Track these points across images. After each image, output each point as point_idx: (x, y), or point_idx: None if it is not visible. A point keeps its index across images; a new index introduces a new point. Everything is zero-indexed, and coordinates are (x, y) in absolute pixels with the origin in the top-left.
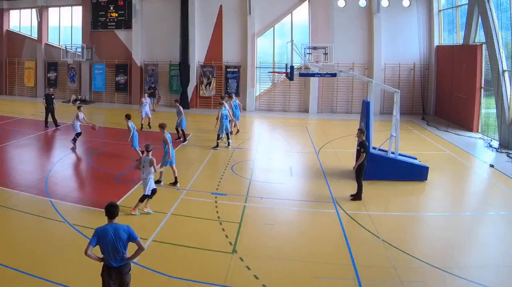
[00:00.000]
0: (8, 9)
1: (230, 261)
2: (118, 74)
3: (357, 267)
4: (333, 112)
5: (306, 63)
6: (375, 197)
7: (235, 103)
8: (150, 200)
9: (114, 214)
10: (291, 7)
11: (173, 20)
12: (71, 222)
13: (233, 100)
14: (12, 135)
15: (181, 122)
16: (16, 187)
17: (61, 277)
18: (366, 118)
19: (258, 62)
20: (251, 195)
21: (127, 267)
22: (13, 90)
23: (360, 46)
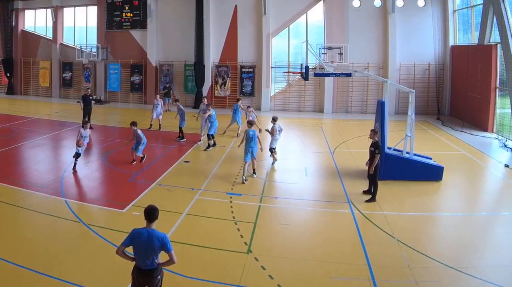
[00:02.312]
0: (23, 9)
1: (245, 261)
2: (133, 74)
3: (372, 267)
4: (348, 112)
5: (321, 63)
6: (390, 197)
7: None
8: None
9: (152, 218)
10: (306, 7)
11: (188, 20)
12: (86, 222)
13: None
14: (27, 135)
15: (182, 121)
16: (31, 187)
17: (76, 277)
18: (381, 119)
19: (273, 62)
20: (266, 195)
21: (157, 272)
22: (28, 90)
23: (375, 46)
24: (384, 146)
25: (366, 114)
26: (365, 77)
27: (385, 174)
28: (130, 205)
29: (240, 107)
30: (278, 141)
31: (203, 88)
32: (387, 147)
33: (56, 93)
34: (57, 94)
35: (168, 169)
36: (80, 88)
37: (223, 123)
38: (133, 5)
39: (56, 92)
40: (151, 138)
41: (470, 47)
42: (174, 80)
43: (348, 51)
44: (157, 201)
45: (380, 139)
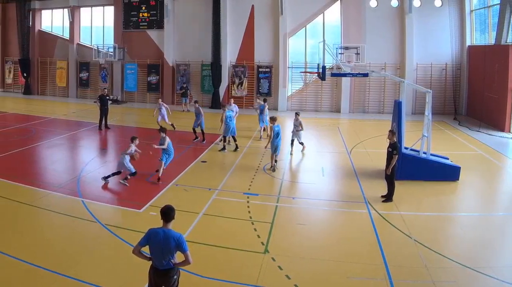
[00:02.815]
0: (40, 9)
1: (262, 261)
2: (150, 74)
3: (389, 267)
4: (365, 112)
5: (338, 63)
6: (407, 197)
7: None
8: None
9: (169, 218)
10: (323, 7)
11: (205, 20)
12: (103, 222)
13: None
14: (44, 135)
15: (201, 123)
16: (48, 187)
17: (93, 277)
18: (398, 119)
19: (290, 62)
20: (283, 195)
21: (172, 272)
22: (45, 90)
23: (392, 46)
24: (401, 146)
25: (383, 114)
26: (382, 77)
27: (402, 174)
28: (147, 205)
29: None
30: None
31: (220, 88)
32: (404, 147)
33: (73, 93)
34: (74, 94)
35: (185, 169)
36: (97, 88)
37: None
38: (150, 5)
39: (73, 92)
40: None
41: (487, 47)
42: (191, 80)
43: (365, 51)
44: (174, 201)
45: (397, 139)
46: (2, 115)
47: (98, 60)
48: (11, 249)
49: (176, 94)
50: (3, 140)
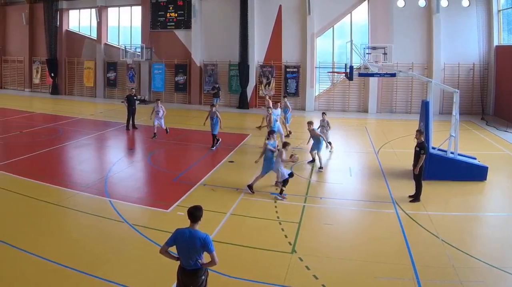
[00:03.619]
0: (68, 9)
1: (289, 261)
2: (177, 74)
3: (416, 267)
4: (392, 112)
5: (365, 63)
6: (434, 197)
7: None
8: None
9: (196, 217)
10: (351, 7)
11: (233, 20)
12: (131, 222)
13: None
14: (72, 135)
15: (215, 127)
16: (76, 186)
17: (120, 277)
18: (426, 119)
19: (318, 62)
20: (311, 195)
21: (200, 272)
22: (73, 90)
23: (419, 46)
24: (429, 145)
25: (410, 114)
26: (409, 77)
27: (429, 174)
28: (175, 205)
29: (287, 106)
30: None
31: (247, 88)
32: (432, 147)
33: (101, 93)
34: (101, 94)
35: (213, 169)
36: (124, 88)
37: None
38: (177, 5)
39: (100, 92)
40: (195, 139)
41: None
42: (218, 80)
43: (393, 51)
44: (202, 201)
45: (425, 139)
46: (29, 115)
47: (125, 60)
48: (38, 249)
49: (203, 94)
50: (31, 141)
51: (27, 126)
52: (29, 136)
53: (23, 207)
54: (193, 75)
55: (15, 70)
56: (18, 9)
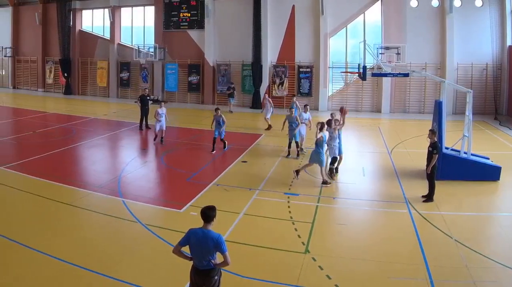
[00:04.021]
0: (81, 9)
1: (303, 261)
2: (190, 74)
3: (429, 267)
4: (405, 112)
5: (378, 63)
6: (447, 197)
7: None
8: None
9: (209, 218)
10: (364, 7)
11: (246, 20)
12: (144, 222)
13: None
14: (85, 135)
15: (222, 131)
16: (89, 187)
17: (133, 277)
18: (439, 119)
19: (331, 62)
20: (324, 195)
21: (213, 272)
22: (86, 90)
23: (432, 46)
24: (442, 146)
25: (424, 114)
26: (422, 77)
27: (442, 174)
28: (188, 205)
29: (296, 106)
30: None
31: (260, 88)
32: (445, 147)
33: (114, 93)
34: (114, 94)
35: (226, 169)
36: (137, 88)
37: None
38: (191, 5)
39: (113, 92)
40: (209, 139)
41: None
42: (231, 80)
43: (406, 51)
44: (215, 201)
45: (438, 139)
46: (43, 115)
47: (138, 60)
48: (52, 249)
49: (217, 94)
50: (44, 141)
51: (40, 126)
52: (42, 137)
53: (36, 207)
54: (206, 75)
55: (28, 70)
56: (32, 9)
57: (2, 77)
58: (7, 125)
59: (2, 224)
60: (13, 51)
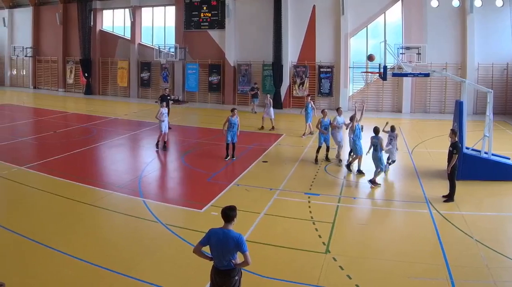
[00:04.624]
0: (101, 9)
1: (323, 261)
2: (211, 74)
3: (450, 267)
4: (426, 112)
5: (399, 63)
6: (468, 197)
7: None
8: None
9: (229, 218)
10: (384, 7)
11: (266, 20)
12: (164, 222)
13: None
14: (105, 135)
15: (234, 135)
16: (109, 187)
17: (154, 277)
18: (459, 119)
19: (351, 62)
20: (344, 195)
21: (234, 272)
22: (106, 90)
23: (453, 46)
24: (463, 146)
25: (444, 114)
26: (443, 77)
27: (463, 174)
28: (208, 205)
29: (312, 106)
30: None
31: (281, 88)
32: (466, 147)
33: (134, 93)
34: (135, 94)
35: (246, 169)
36: (158, 88)
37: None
38: (211, 5)
39: (134, 92)
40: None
41: None
42: (252, 80)
43: (426, 51)
44: (235, 201)
45: (458, 139)
46: (63, 115)
47: (159, 60)
48: (73, 249)
49: (237, 95)
50: (65, 141)
51: (61, 126)
52: (62, 137)
53: (57, 207)
54: (227, 75)
55: (49, 70)
56: (52, 9)
57: (23, 77)
58: (28, 125)
59: (23, 224)
60: (33, 51)
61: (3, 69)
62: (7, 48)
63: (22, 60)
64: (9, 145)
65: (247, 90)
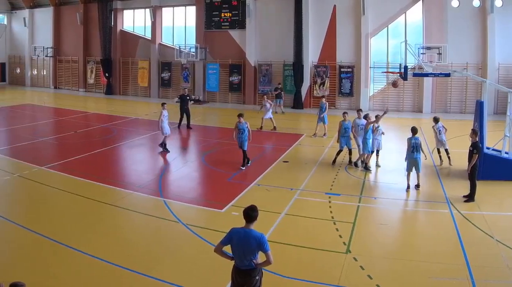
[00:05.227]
0: (122, 9)
1: (344, 261)
2: (232, 74)
3: (471, 267)
4: (446, 112)
5: (420, 63)
6: (489, 197)
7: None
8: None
9: (251, 218)
10: (405, 7)
11: (287, 20)
12: (185, 222)
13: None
14: (126, 135)
15: (243, 141)
16: (130, 187)
17: (175, 277)
18: (480, 119)
19: (372, 62)
20: (365, 195)
21: (255, 272)
22: (127, 90)
23: (473, 46)
24: (483, 146)
25: (465, 114)
26: (463, 77)
27: (483, 174)
28: (229, 205)
29: (326, 107)
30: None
31: (301, 88)
32: (486, 147)
33: (155, 93)
34: (155, 94)
35: (267, 169)
36: (178, 88)
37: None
38: (232, 5)
39: (154, 92)
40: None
41: None
42: (272, 81)
43: (447, 51)
44: (256, 201)
45: (479, 139)
46: (84, 115)
47: (180, 60)
48: (93, 249)
49: (258, 95)
50: (85, 141)
51: (81, 126)
52: (83, 137)
53: (77, 207)
54: (248, 75)
55: (70, 70)
56: (73, 9)
57: (43, 77)
58: (49, 125)
59: (44, 224)
60: (54, 51)
61: (24, 70)
62: (28, 48)
63: (42, 60)
64: (29, 145)
65: (268, 90)
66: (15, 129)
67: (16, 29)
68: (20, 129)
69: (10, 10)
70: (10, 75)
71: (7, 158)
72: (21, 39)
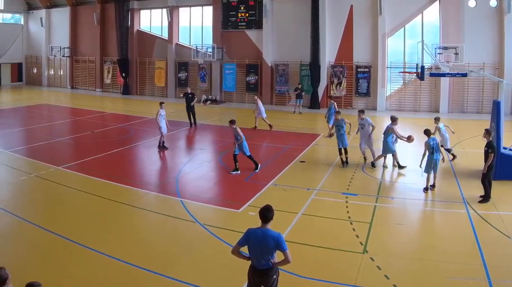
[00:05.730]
0: (139, 9)
1: (361, 261)
2: (248, 74)
3: (487, 267)
4: (463, 112)
5: (436, 63)
6: (505, 197)
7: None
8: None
9: (267, 218)
10: (422, 7)
11: (304, 20)
12: (202, 222)
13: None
14: (143, 136)
15: (243, 147)
16: (147, 187)
17: (192, 277)
18: (497, 119)
19: (389, 62)
20: (382, 195)
21: (272, 271)
22: (144, 90)
23: (490, 46)
24: (500, 145)
25: (482, 114)
26: (480, 77)
27: (500, 174)
28: (246, 205)
29: (335, 108)
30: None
31: (318, 88)
32: (503, 147)
33: (172, 93)
34: (172, 94)
35: (284, 169)
36: (195, 88)
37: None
38: (249, 5)
39: (171, 92)
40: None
41: None
42: (289, 81)
43: (464, 51)
44: (273, 201)
45: (495, 139)
46: (101, 115)
47: (196, 60)
48: (110, 249)
49: (275, 95)
50: (102, 141)
51: (98, 126)
52: (100, 137)
53: (94, 207)
54: (264, 75)
55: (86, 70)
56: (90, 9)
57: (60, 77)
58: (66, 125)
59: (60, 224)
60: (71, 51)
61: (41, 70)
62: (45, 48)
63: (59, 60)
64: (46, 145)
65: (285, 90)
66: (32, 129)
67: (32, 29)
68: (37, 129)
69: (27, 10)
70: (27, 75)
71: (24, 157)
72: (38, 39)
